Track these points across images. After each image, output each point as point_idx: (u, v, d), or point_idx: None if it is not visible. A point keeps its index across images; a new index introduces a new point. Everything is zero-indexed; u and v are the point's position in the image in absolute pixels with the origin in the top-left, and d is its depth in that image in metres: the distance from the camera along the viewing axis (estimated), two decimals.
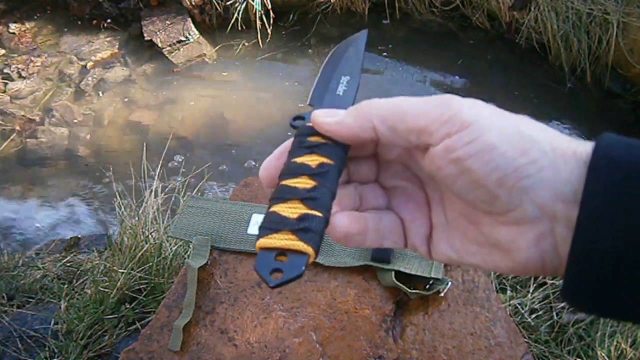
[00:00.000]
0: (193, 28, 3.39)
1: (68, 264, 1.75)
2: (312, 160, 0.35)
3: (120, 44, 3.47)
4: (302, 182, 0.34)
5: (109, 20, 3.59)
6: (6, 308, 1.53)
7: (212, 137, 2.93)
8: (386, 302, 0.91)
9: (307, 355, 0.84)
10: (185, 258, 1.46)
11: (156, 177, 1.76)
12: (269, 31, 3.34)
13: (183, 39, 3.36)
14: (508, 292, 1.46)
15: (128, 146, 2.90)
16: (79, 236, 2.27)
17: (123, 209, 1.73)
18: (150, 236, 1.51)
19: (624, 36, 2.89)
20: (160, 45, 3.33)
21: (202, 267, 0.95)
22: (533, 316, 1.42)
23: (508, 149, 0.29)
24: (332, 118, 0.34)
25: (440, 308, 0.92)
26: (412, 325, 0.90)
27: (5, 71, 3.29)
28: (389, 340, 0.87)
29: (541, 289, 1.48)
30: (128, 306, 1.41)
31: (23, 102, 3.13)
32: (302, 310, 0.90)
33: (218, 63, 3.36)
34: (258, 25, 3.32)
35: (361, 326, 0.88)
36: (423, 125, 0.31)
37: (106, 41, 3.49)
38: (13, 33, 3.58)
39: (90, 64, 3.34)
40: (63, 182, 2.77)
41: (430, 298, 0.94)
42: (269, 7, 3.33)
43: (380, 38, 3.49)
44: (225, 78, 3.26)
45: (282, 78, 3.23)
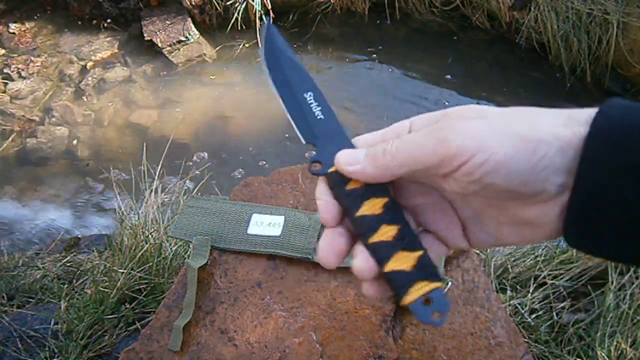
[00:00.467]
0: (193, 28, 3.39)
1: (68, 264, 1.75)
2: (373, 206, 0.38)
3: (120, 44, 3.47)
4: (386, 233, 0.37)
5: (109, 20, 3.59)
6: (6, 308, 1.53)
7: (212, 137, 2.94)
8: (386, 302, 0.91)
9: (307, 355, 0.84)
10: (185, 258, 1.46)
11: (156, 177, 1.76)
12: None
13: (183, 39, 3.36)
14: (508, 292, 1.46)
15: (128, 146, 2.90)
16: (79, 236, 2.27)
17: (123, 209, 1.73)
18: (150, 236, 1.51)
19: (624, 36, 2.89)
20: (160, 45, 3.33)
21: (202, 267, 0.95)
22: (533, 316, 1.42)
23: (519, 156, 0.33)
24: (354, 167, 0.38)
25: None
26: (412, 325, 0.90)
27: (5, 71, 3.29)
28: (389, 340, 0.87)
29: (541, 289, 1.48)
30: (128, 306, 1.41)
31: (23, 102, 3.13)
32: (302, 310, 0.90)
33: (218, 63, 3.36)
34: (258, 25, 3.32)
35: (361, 326, 0.88)
36: (438, 161, 0.35)
37: (106, 41, 3.49)
38: (13, 33, 3.58)
39: (90, 64, 3.34)
40: (63, 182, 2.77)
41: None
42: (269, 7, 3.33)
43: (380, 38, 3.49)
44: (225, 78, 3.26)
45: None
